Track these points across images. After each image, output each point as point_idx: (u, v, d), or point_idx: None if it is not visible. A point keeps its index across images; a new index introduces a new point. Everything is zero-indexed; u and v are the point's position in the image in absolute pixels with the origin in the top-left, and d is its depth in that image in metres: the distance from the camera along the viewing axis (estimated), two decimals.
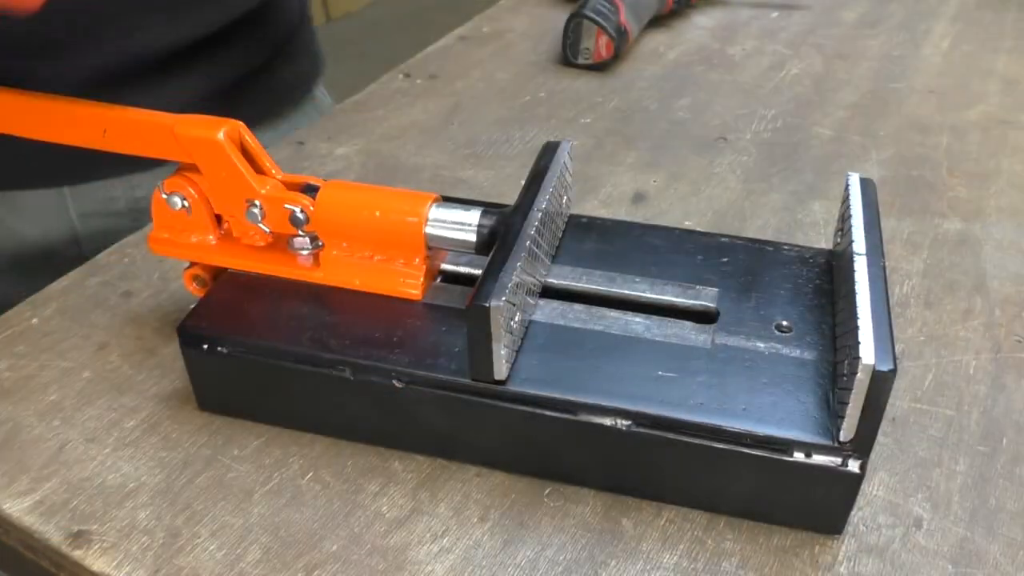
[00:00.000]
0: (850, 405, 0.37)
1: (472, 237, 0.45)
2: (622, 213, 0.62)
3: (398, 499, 0.43)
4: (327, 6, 2.55)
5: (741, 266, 0.47)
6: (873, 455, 0.42)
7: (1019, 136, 0.71)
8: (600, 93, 0.77)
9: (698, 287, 0.46)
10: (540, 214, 0.43)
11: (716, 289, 0.46)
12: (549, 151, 0.48)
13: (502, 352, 0.40)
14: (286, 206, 0.45)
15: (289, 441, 0.45)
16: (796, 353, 0.42)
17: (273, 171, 0.47)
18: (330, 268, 0.47)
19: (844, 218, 0.45)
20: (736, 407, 0.39)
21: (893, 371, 0.35)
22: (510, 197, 0.64)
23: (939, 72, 0.80)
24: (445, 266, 0.49)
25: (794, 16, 0.90)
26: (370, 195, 0.46)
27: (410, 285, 0.46)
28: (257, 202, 0.46)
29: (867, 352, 0.36)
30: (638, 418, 0.40)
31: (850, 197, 0.45)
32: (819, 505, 0.40)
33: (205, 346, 0.44)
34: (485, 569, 0.40)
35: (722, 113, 0.74)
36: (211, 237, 0.48)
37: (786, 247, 0.48)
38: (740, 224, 0.61)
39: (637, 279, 0.46)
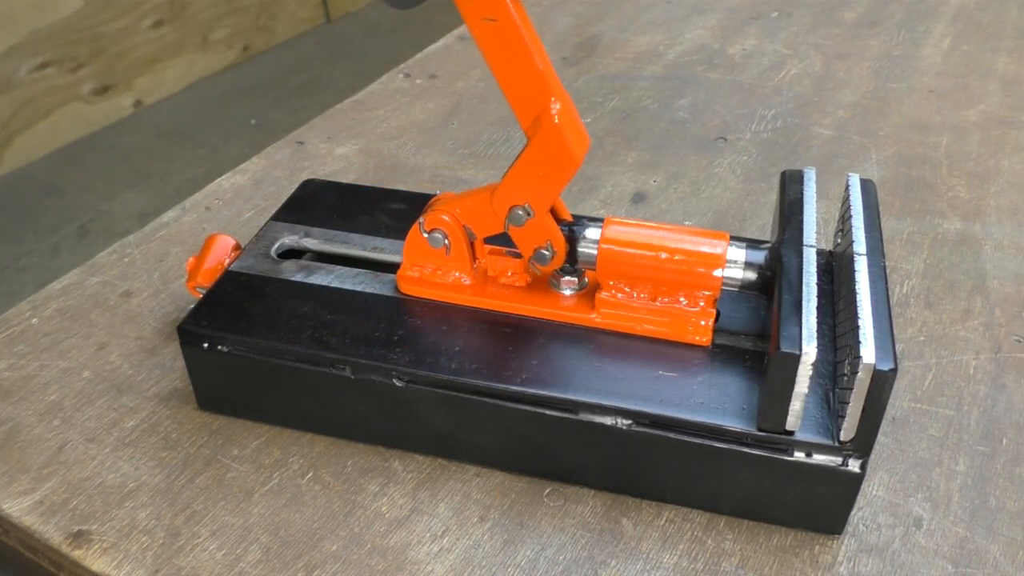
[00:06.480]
0: (851, 405, 0.37)
1: (743, 274, 0.42)
2: (622, 213, 0.62)
3: (398, 499, 0.43)
4: (327, 6, 2.55)
5: None
6: (873, 455, 0.42)
7: (1019, 136, 0.71)
8: (600, 93, 0.77)
9: None
10: (813, 251, 0.41)
11: None
12: (795, 181, 0.45)
13: (798, 405, 0.37)
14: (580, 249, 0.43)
15: (289, 441, 0.45)
16: None
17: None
18: (608, 311, 0.44)
19: (844, 218, 0.45)
20: (736, 407, 0.40)
21: (894, 371, 0.35)
22: None
23: (939, 72, 0.80)
24: None
25: (794, 16, 0.90)
26: (661, 234, 0.43)
27: (700, 330, 0.43)
28: (548, 242, 0.43)
29: (868, 352, 0.36)
30: (638, 417, 0.40)
31: (850, 198, 0.45)
32: (819, 505, 0.40)
33: (205, 345, 0.44)
34: (485, 569, 0.40)
35: (722, 113, 0.74)
36: (466, 276, 0.46)
37: None
38: (740, 224, 0.61)
39: None
